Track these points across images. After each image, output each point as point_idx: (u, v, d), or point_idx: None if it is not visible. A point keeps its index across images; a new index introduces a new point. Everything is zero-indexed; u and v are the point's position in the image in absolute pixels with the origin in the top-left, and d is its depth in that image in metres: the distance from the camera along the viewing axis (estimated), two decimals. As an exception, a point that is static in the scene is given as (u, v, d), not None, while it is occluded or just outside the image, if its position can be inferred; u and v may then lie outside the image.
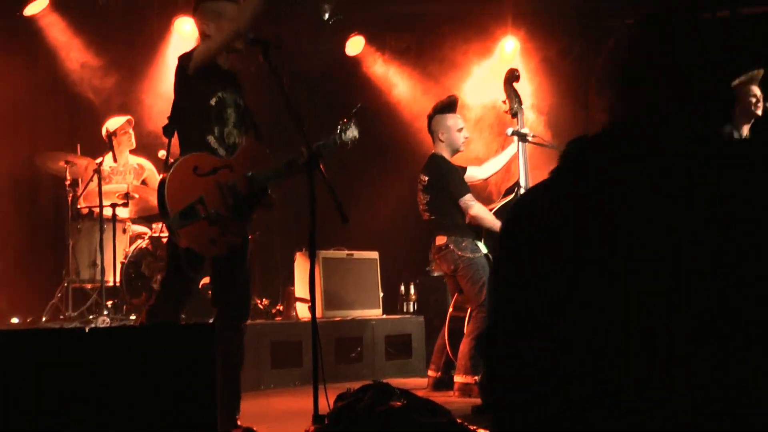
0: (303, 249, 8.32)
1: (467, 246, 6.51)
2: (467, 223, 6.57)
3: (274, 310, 8.45)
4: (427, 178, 6.63)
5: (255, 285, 8.65)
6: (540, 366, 1.77)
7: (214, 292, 4.89)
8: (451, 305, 6.82)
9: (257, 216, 5.13)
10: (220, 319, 4.77)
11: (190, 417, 3.47)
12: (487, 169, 7.06)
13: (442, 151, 6.68)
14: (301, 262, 8.35)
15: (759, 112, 6.88)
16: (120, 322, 7.27)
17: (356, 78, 10.11)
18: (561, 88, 9.73)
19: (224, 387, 4.54)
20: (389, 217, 9.78)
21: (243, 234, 4.81)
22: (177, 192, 4.54)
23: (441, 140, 6.69)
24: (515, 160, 6.91)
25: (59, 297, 7.68)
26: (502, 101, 6.93)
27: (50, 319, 7.55)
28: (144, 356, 3.50)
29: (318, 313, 7.71)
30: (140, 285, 7.55)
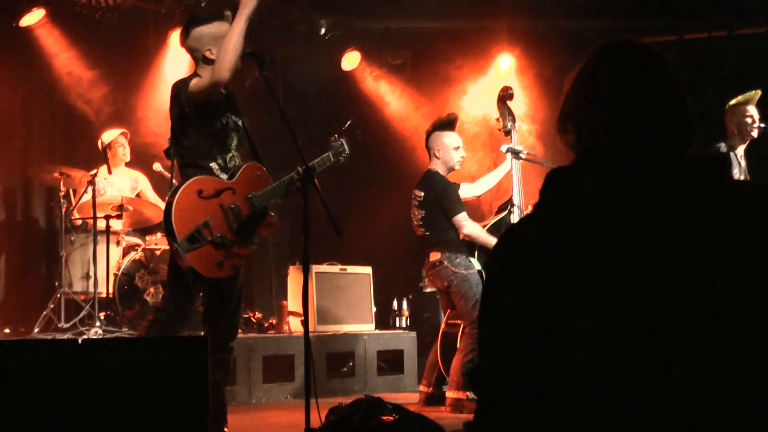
0: (296, 263, 8.32)
1: (461, 262, 6.52)
2: (462, 240, 6.59)
3: (267, 324, 8.44)
4: (423, 194, 6.64)
5: (248, 298, 8.66)
6: (539, 368, 1.78)
7: (206, 312, 4.88)
8: (444, 321, 6.82)
9: (259, 238, 5.13)
10: (210, 339, 4.76)
11: (182, 428, 3.46)
12: (481, 186, 7.08)
13: (438, 168, 6.70)
14: (295, 276, 8.36)
15: (755, 134, 6.91)
16: (113, 334, 7.26)
17: (352, 93, 10.13)
18: (556, 106, 9.74)
19: (211, 401, 4.54)
20: (383, 233, 9.79)
21: (247, 256, 4.82)
22: (183, 216, 4.56)
23: (437, 157, 6.70)
24: (508, 178, 6.95)
25: (52, 308, 7.66)
26: (496, 119, 6.98)
27: (43, 331, 7.53)
28: (137, 368, 3.50)
29: (311, 328, 7.69)
30: (133, 297, 7.54)
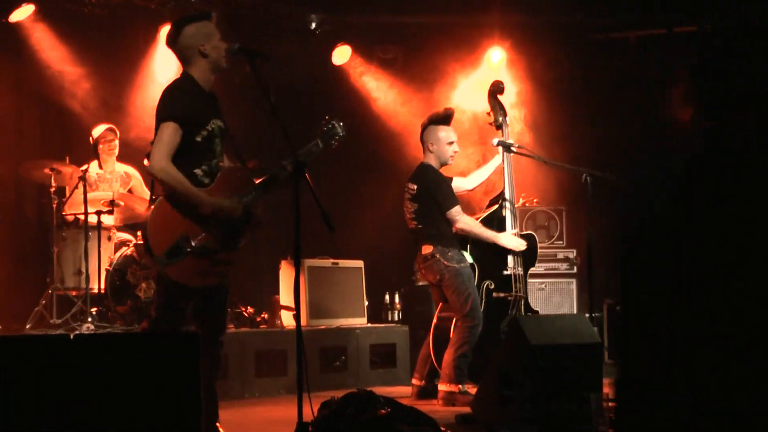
0: (288, 257, 8.32)
1: (453, 256, 6.53)
2: (454, 234, 6.60)
3: (259, 319, 8.44)
4: (416, 187, 6.65)
5: (240, 293, 8.66)
6: (692, 369, 1.77)
7: (194, 310, 4.87)
8: (436, 315, 6.83)
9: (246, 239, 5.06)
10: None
11: (175, 423, 3.48)
12: (473, 180, 7.10)
13: (431, 162, 6.71)
14: (287, 271, 8.36)
15: None
16: (105, 330, 7.26)
17: (343, 88, 10.12)
18: (547, 98, 9.78)
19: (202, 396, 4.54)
20: (375, 226, 9.80)
21: (233, 261, 4.79)
22: (160, 231, 4.53)
23: (430, 151, 6.71)
24: (498, 172, 6.97)
25: (44, 304, 7.65)
26: (487, 113, 7.00)
27: (35, 327, 7.53)
28: (129, 363, 3.51)
29: (303, 322, 7.70)
30: (125, 292, 7.54)
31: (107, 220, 7.71)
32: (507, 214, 6.80)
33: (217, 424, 4.78)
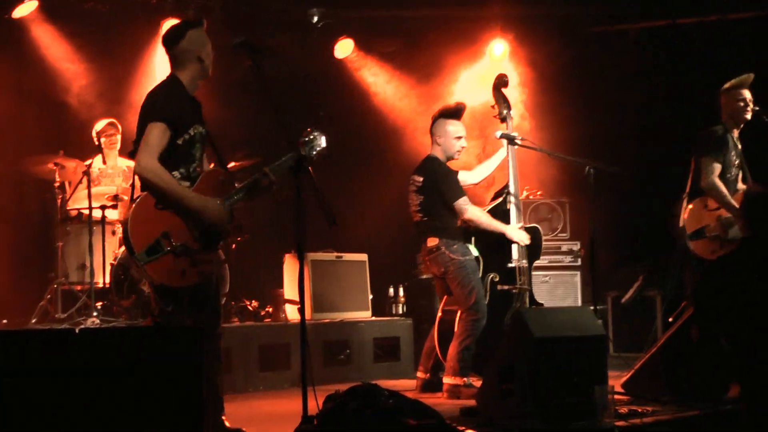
0: (292, 251, 8.33)
1: (458, 249, 6.53)
2: (459, 226, 6.60)
3: (263, 312, 8.45)
4: (421, 179, 6.64)
5: (244, 287, 8.67)
6: None
7: (189, 305, 4.88)
8: (441, 308, 6.83)
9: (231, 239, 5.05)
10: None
11: (179, 417, 3.48)
12: (478, 174, 7.09)
13: (438, 154, 6.71)
14: (290, 265, 8.37)
15: (748, 116, 6.92)
16: (110, 324, 7.26)
17: (344, 81, 10.12)
18: (549, 91, 9.77)
19: (206, 390, 4.55)
20: (378, 220, 9.80)
21: (215, 260, 4.80)
22: (140, 229, 4.51)
23: (438, 144, 6.71)
24: (501, 165, 6.97)
25: (48, 299, 7.67)
26: (491, 106, 7.01)
27: (39, 321, 7.54)
28: (133, 357, 3.52)
29: (307, 316, 7.72)
30: (130, 287, 7.54)
31: (111, 215, 7.72)
32: (511, 207, 6.80)
33: (223, 418, 4.79)
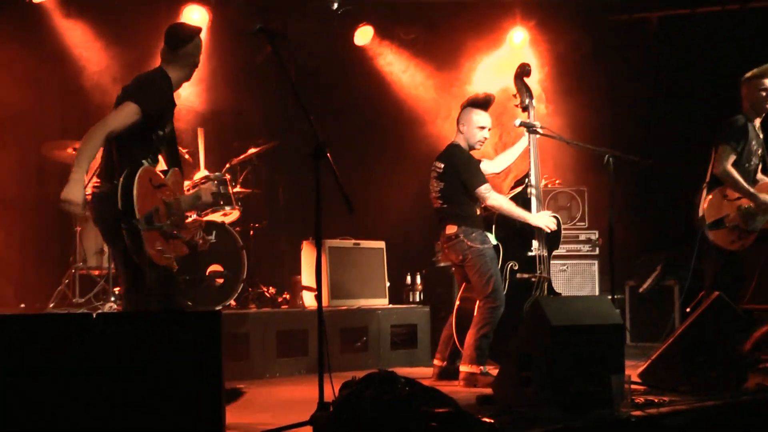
0: (310, 238, 8.33)
1: (477, 237, 6.51)
2: (480, 215, 6.59)
3: (281, 299, 8.46)
4: (443, 166, 6.63)
5: (261, 274, 8.68)
6: None
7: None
8: (459, 296, 6.82)
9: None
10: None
11: (196, 401, 3.49)
12: (500, 163, 7.08)
13: (460, 142, 6.70)
14: (308, 252, 8.37)
15: None
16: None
17: (364, 68, 10.09)
18: (567, 75, 9.73)
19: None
20: (396, 207, 9.79)
21: (179, 252, 4.91)
22: (142, 197, 4.63)
23: (461, 132, 6.71)
24: (522, 154, 6.95)
25: (66, 284, 7.71)
26: (513, 95, 6.99)
27: (57, 306, 7.58)
28: (151, 342, 3.53)
29: (324, 302, 7.73)
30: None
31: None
32: (532, 197, 6.78)
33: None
